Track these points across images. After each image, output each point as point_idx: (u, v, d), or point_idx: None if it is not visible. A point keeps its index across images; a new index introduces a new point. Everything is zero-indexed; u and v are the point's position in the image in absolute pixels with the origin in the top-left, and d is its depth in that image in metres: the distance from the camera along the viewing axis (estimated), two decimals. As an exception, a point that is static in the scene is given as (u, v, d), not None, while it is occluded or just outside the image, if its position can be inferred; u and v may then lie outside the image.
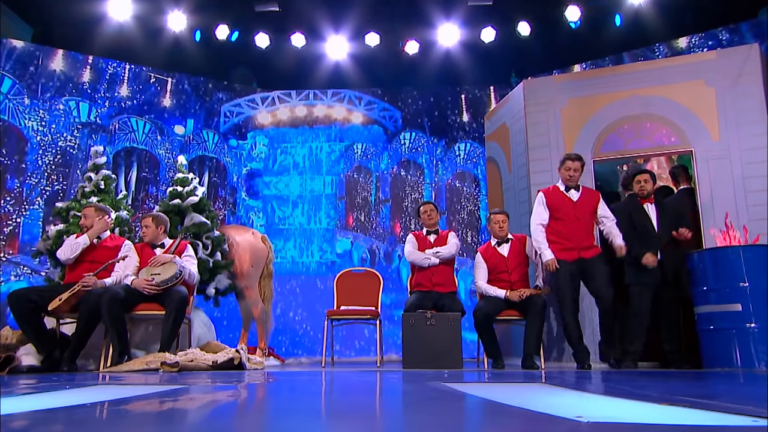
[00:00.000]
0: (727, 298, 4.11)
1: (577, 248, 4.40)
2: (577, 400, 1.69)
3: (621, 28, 7.36)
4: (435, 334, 4.16)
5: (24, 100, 6.43)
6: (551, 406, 1.48)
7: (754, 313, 4.00)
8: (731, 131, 5.04)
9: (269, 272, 5.64)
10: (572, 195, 4.54)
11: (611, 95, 5.49)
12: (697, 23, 7.11)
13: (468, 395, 1.88)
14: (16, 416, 1.39)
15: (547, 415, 1.28)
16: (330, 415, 1.50)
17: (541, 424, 1.16)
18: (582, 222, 4.47)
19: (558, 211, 4.49)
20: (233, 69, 8.00)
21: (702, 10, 7.09)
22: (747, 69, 5.10)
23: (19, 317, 3.95)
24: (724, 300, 4.12)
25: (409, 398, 1.90)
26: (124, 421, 1.32)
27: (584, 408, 1.46)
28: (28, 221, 6.22)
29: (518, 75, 8.10)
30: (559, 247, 4.40)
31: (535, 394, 1.92)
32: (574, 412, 1.33)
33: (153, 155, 7.12)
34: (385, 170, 7.70)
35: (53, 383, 2.69)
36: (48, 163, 6.44)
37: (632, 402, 1.62)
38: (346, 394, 2.26)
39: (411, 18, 8.09)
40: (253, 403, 1.83)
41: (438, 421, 1.28)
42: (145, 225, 4.51)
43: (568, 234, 4.43)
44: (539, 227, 4.48)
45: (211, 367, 3.70)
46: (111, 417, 1.41)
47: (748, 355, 3.99)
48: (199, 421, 1.42)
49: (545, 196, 4.58)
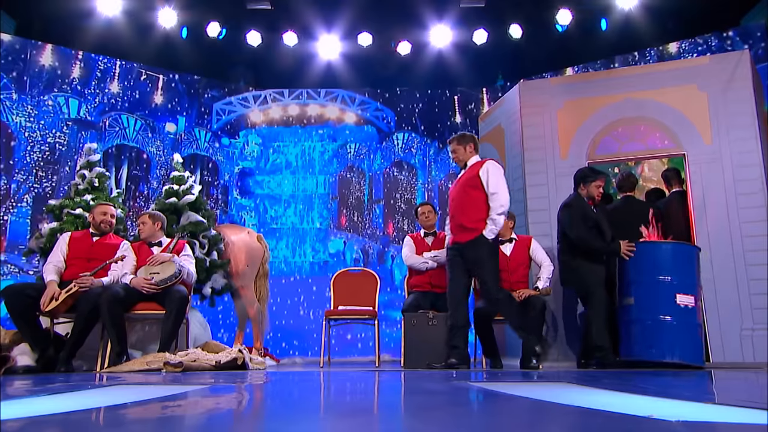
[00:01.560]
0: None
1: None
2: (624, 400, 1.70)
3: (612, 33, 7.46)
4: (437, 334, 4.17)
5: (12, 95, 6.29)
6: (612, 405, 1.49)
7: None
8: (723, 135, 5.14)
9: (265, 272, 5.61)
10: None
11: (606, 98, 5.56)
12: (681, 30, 7.24)
13: (519, 396, 1.86)
14: (57, 416, 1.36)
15: (628, 416, 1.28)
16: (391, 417, 1.49)
17: (632, 425, 1.15)
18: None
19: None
20: (226, 67, 7.94)
21: (686, 17, 7.23)
22: (738, 74, 5.22)
23: (15, 313, 3.87)
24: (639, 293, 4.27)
25: (453, 399, 1.88)
26: (173, 420, 1.31)
27: (648, 408, 1.45)
28: (16, 219, 6.09)
29: (508, 77, 8.16)
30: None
31: (578, 394, 1.92)
32: (640, 411, 1.34)
33: (144, 153, 7.02)
34: (378, 170, 7.71)
35: (72, 383, 2.64)
36: (36, 160, 6.31)
37: (689, 403, 1.61)
38: (385, 394, 2.24)
39: (403, 19, 8.10)
40: (291, 401, 1.82)
41: (516, 423, 1.26)
42: (141, 222, 4.46)
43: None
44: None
45: (215, 367, 3.66)
46: (156, 416, 1.39)
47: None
48: (248, 418, 1.41)
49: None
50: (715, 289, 4.89)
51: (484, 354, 4.63)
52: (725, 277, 4.90)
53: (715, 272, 4.93)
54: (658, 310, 4.20)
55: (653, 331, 4.20)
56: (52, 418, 1.34)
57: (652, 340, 4.18)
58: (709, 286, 4.90)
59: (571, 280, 4.58)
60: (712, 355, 4.80)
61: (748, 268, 4.87)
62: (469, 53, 8.08)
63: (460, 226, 4.11)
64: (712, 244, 4.97)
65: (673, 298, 4.20)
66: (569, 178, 5.47)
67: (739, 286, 4.87)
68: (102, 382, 2.80)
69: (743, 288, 4.86)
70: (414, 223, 7.55)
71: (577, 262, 4.45)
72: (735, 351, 4.81)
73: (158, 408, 1.55)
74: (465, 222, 4.08)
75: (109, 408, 1.56)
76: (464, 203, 4.15)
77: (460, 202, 4.17)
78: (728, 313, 4.85)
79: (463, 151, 4.31)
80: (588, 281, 4.41)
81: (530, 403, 1.67)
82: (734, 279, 4.89)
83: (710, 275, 4.92)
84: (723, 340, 4.84)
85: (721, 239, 4.97)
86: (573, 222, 4.42)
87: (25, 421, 1.28)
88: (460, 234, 4.11)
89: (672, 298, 4.20)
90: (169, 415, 1.40)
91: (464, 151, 4.30)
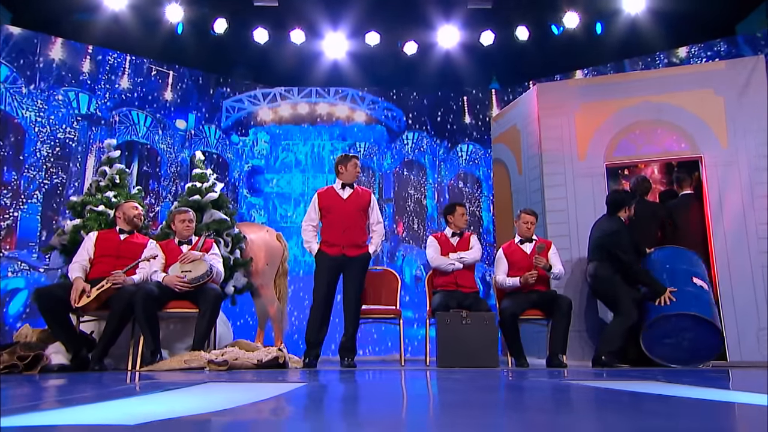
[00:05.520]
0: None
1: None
2: (729, 395, 1.74)
3: (619, 36, 7.55)
4: (471, 333, 4.20)
5: (21, 89, 6.16)
6: (721, 397, 1.53)
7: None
8: (739, 139, 5.26)
9: (284, 270, 5.58)
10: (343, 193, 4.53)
11: (623, 101, 5.64)
12: (690, 34, 7.39)
13: (645, 393, 1.87)
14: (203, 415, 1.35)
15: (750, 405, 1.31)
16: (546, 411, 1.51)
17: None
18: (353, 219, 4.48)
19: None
20: (234, 63, 7.88)
21: (692, 22, 7.37)
22: (753, 79, 5.34)
23: (48, 314, 3.81)
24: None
25: (591, 398, 1.88)
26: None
27: (742, 399, 1.50)
28: (26, 215, 5.97)
29: (515, 79, 8.22)
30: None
31: (680, 390, 1.95)
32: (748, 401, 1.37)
33: (154, 149, 6.93)
34: (388, 170, 7.71)
35: (157, 383, 2.61)
36: (47, 156, 6.19)
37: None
38: (499, 391, 2.25)
39: (410, 18, 8.11)
40: (419, 397, 1.82)
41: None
42: (188, 220, 4.41)
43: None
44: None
45: (256, 365, 3.64)
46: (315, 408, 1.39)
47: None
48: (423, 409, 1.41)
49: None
50: (732, 289, 5.00)
51: (510, 353, 4.67)
52: (742, 277, 5.01)
53: (731, 273, 5.04)
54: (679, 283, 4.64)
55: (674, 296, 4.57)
56: (221, 415, 1.33)
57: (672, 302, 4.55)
58: (726, 286, 5.02)
59: (606, 293, 4.73)
60: (729, 353, 4.91)
61: (765, 269, 4.99)
62: (476, 54, 8.13)
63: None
64: (729, 246, 5.08)
65: (690, 279, 4.69)
66: (587, 179, 5.58)
67: (755, 286, 4.98)
68: (183, 380, 2.77)
69: (760, 289, 4.97)
70: (424, 222, 7.59)
71: (617, 278, 4.63)
72: (752, 350, 4.92)
73: (325, 400, 1.55)
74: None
75: (264, 402, 1.55)
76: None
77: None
78: (745, 313, 4.96)
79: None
80: (622, 295, 4.59)
81: (669, 398, 1.69)
82: (751, 280, 5.00)
83: (727, 276, 5.03)
84: (740, 339, 4.95)
85: (737, 241, 5.08)
86: (624, 247, 4.67)
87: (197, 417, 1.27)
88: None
89: (689, 279, 4.68)
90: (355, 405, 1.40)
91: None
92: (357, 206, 4.50)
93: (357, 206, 4.50)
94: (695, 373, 3.16)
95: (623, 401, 1.67)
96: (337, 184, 4.57)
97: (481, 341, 4.20)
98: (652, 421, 1.21)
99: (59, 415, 1.39)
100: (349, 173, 4.53)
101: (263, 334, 5.46)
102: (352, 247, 4.39)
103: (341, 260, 4.36)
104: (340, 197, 4.49)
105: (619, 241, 4.68)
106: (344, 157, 4.59)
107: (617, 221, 4.80)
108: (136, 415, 1.34)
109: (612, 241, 4.70)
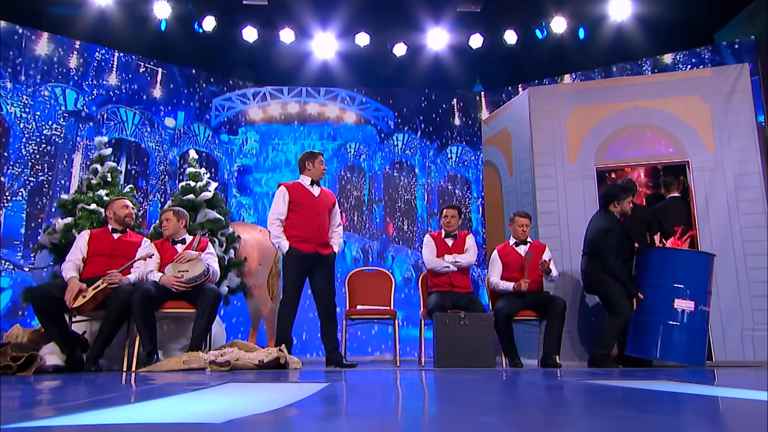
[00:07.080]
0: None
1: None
2: (731, 391, 1.79)
3: (606, 42, 7.67)
4: (468, 334, 4.23)
5: (6, 83, 6.02)
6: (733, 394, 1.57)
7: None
8: (725, 144, 5.40)
9: (277, 270, 5.55)
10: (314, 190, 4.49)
11: (613, 106, 5.75)
12: (675, 41, 7.55)
13: (662, 391, 1.91)
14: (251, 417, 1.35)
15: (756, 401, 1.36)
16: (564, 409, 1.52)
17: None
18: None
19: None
20: (223, 62, 7.81)
21: (677, 30, 7.54)
22: (738, 87, 5.48)
23: (43, 315, 3.74)
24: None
25: (596, 396, 1.90)
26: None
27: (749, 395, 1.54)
28: (11, 213, 5.83)
29: (505, 82, 8.30)
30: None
31: (695, 388, 2.00)
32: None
33: (142, 147, 6.83)
34: (378, 170, 7.72)
35: (176, 384, 2.58)
36: (32, 153, 6.05)
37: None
38: (516, 390, 2.28)
39: (399, 20, 8.14)
40: (451, 394, 1.84)
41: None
42: (165, 219, 4.36)
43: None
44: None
45: (257, 366, 3.62)
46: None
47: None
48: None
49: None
50: (718, 290, 5.11)
51: (504, 354, 4.72)
52: (727, 279, 5.14)
53: (717, 275, 5.16)
54: (663, 313, 4.51)
55: (659, 333, 4.51)
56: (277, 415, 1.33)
57: (658, 341, 4.49)
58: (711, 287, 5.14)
59: (597, 289, 4.76)
60: (715, 353, 5.04)
61: (749, 271, 5.13)
62: (465, 57, 8.19)
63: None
64: (715, 248, 5.19)
65: (671, 303, 4.52)
66: (578, 181, 5.67)
67: (740, 288, 5.12)
68: (199, 381, 2.74)
69: (744, 290, 5.11)
70: (414, 223, 7.62)
71: (605, 275, 4.65)
72: (736, 350, 5.05)
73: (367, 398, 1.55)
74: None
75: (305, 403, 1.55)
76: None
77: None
78: (730, 314, 5.09)
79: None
80: (613, 292, 4.60)
81: (686, 396, 1.73)
82: (735, 281, 5.14)
83: (713, 277, 5.16)
84: (725, 339, 5.08)
85: (722, 243, 5.21)
86: (610, 246, 4.66)
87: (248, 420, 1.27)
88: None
89: (671, 303, 4.52)
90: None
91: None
92: (326, 206, 4.50)
93: (326, 206, 4.50)
94: (696, 373, 3.23)
95: (663, 400, 1.71)
96: (304, 180, 4.50)
97: (479, 342, 4.24)
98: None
99: (119, 413, 1.38)
100: (317, 170, 4.51)
101: (256, 334, 5.43)
102: (323, 245, 4.38)
103: (314, 257, 4.31)
104: (312, 194, 4.45)
105: (605, 239, 4.69)
106: (311, 154, 4.56)
107: (610, 218, 4.80)
108: (190, 413, 1.34)
109: (599, 238, 4.73)
